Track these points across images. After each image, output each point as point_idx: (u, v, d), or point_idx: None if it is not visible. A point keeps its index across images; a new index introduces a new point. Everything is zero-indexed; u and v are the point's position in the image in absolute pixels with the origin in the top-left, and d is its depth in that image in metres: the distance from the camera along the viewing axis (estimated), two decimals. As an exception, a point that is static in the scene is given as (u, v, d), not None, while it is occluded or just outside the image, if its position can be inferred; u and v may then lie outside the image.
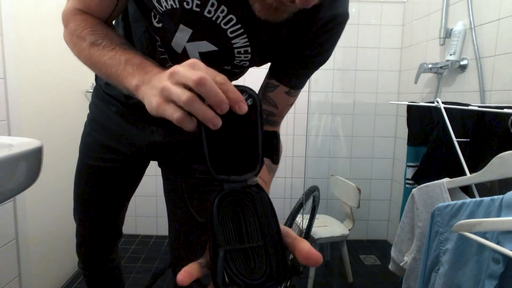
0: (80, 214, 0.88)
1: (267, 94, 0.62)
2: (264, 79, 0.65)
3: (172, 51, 0.58)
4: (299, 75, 0.61)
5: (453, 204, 0.77)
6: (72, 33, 0.51)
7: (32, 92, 1.36)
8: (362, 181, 2.31)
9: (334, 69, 2.27)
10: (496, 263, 0.64)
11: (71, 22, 0.52)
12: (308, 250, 0.32)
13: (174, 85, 0.33)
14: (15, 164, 0.63)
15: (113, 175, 0.84)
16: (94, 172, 0.83)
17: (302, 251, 0.32)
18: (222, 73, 0.36)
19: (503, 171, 0.75)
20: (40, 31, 1.42)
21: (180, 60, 0.55)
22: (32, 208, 1.37)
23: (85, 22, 0.51)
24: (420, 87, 1.96)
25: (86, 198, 0.86)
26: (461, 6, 1.59)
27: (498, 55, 1.37)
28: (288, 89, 0.62)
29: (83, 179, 0.85)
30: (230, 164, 0.35)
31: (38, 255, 1.44)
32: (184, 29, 0.53)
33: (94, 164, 0.82)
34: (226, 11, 0.49)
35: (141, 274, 1.91)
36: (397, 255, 1.02)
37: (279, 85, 0.61)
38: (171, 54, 0.60)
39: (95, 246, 0.92)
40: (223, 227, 0.33)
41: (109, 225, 0.91)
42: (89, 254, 0.93)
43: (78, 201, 0.88)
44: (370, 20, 2.23)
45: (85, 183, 0.85)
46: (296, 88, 0.63)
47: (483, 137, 1.01)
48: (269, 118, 0.64)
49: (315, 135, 2.34)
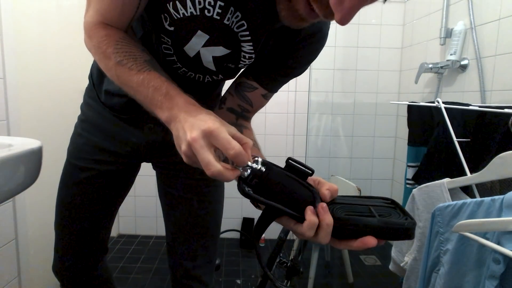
0: (63, 223, 0.81)
1: (245, 93, 0.67)
2: (239, 78, 0.68)
3: (184, 54, 0.60)
4: (278, 81, 0.67)
5: (453, 204, 0.77)
6: (96, 49, 0.53)
7: (31, 92, 1.36)
8: (362, 181, 2.31)
9: (334, 69, 2.27)
10: (496, 263, 0.64)
11: (94, 37, 0.53)
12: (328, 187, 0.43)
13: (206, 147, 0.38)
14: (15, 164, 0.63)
15: (104, 179, 0.79)
16: (84, 175, 0.78)
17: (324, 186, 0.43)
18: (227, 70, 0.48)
19: (504, 171, 0.75)
20: (39, 30, 1.42)
21: (192, 63, 0.59)
22: (32, 208, 1.37)
23: (108, 38, 0.52)
24: (421, 87, 1.96)
25: (71, 205, 0.80)
26: (462, 6, 1.59)
27: (499, 55, 1.36)
28: (266, 93, 0.68)
29: (70, 183, 0.80)
30: None
31: (37, 255, 1.44)
32: (201, 35, 0.55)
33: (84, 166, 0.78)
34: (240, 16, 0.53)
35: (141, 274, 1.90)
36: (398, 256, 1.02)
37: (258, 87, 0.66)
38: (182, 57, 0.61)
39: (76, 262, 0.83)
40: None
41: (95, 238, 0.84)
42: (69, 271, 0.83)
43: (61, 209, 0.81)
44: (370, 20, 2.23)
45: (72, 187, 0.79)
46: (272, 92, 0.69)
47: (483, 137, 1.01)
48: (244, 113, 0.69)
49: (315, 135, 2.33)
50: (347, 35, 2.24)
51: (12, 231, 1.25)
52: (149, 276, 1.88)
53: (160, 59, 0.62)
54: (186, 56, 0.60)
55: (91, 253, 0.85)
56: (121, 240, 2.34)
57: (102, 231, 0.86)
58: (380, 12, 2.22)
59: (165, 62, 0.63)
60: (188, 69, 0.64)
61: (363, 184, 2.12)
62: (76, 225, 0.81)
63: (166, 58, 0.63)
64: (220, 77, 0.67)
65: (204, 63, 0.61)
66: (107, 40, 0.51)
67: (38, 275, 1.44)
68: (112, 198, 0.84)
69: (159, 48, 0.62)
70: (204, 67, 0.62)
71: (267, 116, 2.35)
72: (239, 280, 1.88)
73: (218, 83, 0.75)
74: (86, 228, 0.82)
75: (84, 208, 0.80)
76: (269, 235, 2.32)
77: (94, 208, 0.81)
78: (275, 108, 2.33)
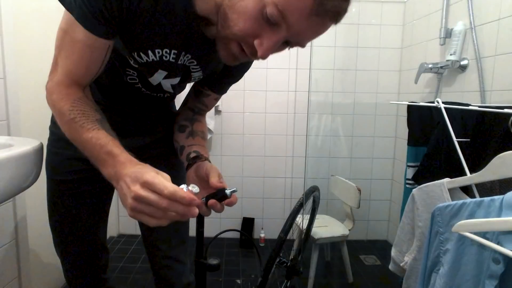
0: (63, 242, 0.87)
1: (203, 99, 0.85)
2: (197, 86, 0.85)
3: (148, 83, 0.73)
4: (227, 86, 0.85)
5: (453, 204, 0.77)
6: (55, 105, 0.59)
7: (31, 92, 1.36)
8: (362, 181, 2.31)
9: (334, 69, 2.27)
10: (496, 263, 0.64)
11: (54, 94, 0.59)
12: None
13: (140, 205, 0.46)
14: (15, 164, 0.63)
15: (87, 185, 0.84)
16: (68, 187, 0.83)
17: None
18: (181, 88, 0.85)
19: (504, 171, 0.75)
20: (39, 30, 1.42)
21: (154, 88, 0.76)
22: (32, 208, 1.37)
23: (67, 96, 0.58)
24: (420, 87, 1.96)
25: (65, 220, 0.85)
26: (461, 6, 1.59)
27: (498, 55, 1.37)
28: (217, 96, 0.86)
29: (58, 200, 0.85)
30: None
31: (37, 255, 1.44)
32: (161, 72, 0.69)
33: (65, 179, 0.83)
34: (190, 57, 0.68)
35: (141, 274, 1.91)
36: (397, 255, 1.02)
37: (211, 93, 0.84)
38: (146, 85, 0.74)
39: (85, 270, 0.90)
40: None
41: (96, 242, 0.90)
42: (80, 279, 0.91)
43: (57, 226, 0.87)
44: (370, 20, 2.23)
45: (60, 203, 0.85)
46: (222, 94, 0.87)
47: (483, 137, 1.01)
48: (200, 111, 0.87)
49: (315, 135, 2.34)
50: (347, 35, 2.24)
51: (12, 231, 1.25)
52: (149, 276, 1.87)
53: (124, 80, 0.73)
54: (150, 84, 0.73)
55: (96, 257, 0.91)
56: (121, 240, 2.34)
57: (100, 233, 0.92)
58: (380, 12, 2.22)
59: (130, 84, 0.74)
60: (151, 91, 0.77)
61: (363, 184, 2.12)
62: (76, 238, 0.87)
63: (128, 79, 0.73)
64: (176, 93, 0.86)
65: (164, 88, 0.75)
66: (65, 99, 0.58)
67: (38, 275, 1.44)
68: (99, 202, 0.90)
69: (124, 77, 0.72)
70: (164, 90, 0.76)
71: (267, 116, 2.35)
72: (239, 280, 1.88)
73: (174, 96, 0.91)
74: (86, 236, 0.88)
75: (77, 217, 0.86)
76: (269, 235, 2.33)
77: (87, 214, 0.87)
78: (275, 108, 2.34)
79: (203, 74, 0.75)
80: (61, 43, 0.58)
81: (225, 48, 0.57)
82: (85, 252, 0.89)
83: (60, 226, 0.86)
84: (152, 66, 0.66)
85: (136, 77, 0.72)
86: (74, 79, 0.60)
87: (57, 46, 0.59)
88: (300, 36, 0.52)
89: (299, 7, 0.47)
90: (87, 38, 0.56)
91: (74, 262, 0.89)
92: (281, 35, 0.51)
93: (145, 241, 0.97)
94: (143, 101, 0.81)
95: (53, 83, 0.60)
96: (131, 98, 0.80)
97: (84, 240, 0.88)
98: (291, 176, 2.40)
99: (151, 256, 0.97)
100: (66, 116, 0.57)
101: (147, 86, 0.74)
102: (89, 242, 0.89)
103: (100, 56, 0.60)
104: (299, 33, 0.51)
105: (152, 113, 0.88)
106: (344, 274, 1.87)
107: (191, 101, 0.87)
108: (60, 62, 0.59)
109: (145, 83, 0.73)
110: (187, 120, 0.85)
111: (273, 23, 0.50)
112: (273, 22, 0.49)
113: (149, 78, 0.70)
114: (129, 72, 0.71)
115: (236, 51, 0.56)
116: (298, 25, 0.49)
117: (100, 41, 0.57)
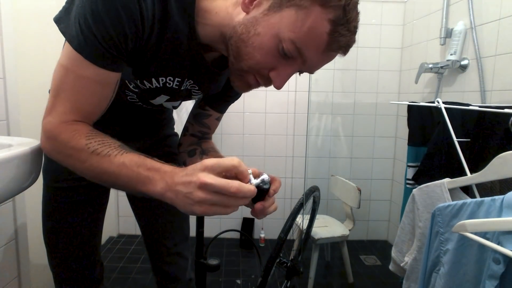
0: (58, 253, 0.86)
1: (203, 121, 0.84)
2: (195, 109, 0.85)
3: (149, 103, 0.73)
4: (227, 104, 0.85)
5: (453, 204, 0.77)
6: (65, 145, 0.53)
7: (31, 91, 1.36)
8: (362, 181, 2.31)
9: (334, 69, 2.27)
10: (496, 263, 0.64)
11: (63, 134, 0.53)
12: None
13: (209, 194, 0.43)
14: (15, 164, 0.63)
15: (84, 193, 0.83)
16: (67, 194, 0.82)
17: None
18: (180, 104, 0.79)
19: (504, 171, 0.75)
20: (39, 30, 1.42)
21: (156, 107, 0.76)
22: (32, 208, 1.37)
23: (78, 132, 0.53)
24: (421, 87, 1.96)
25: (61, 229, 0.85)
26: (462, 6, 1.59)
27: (499, 55, 1.36)
28: (219, 115, 0.85)
29: (55, 206, 0.84)
30: None
31: (37, 255, 1.44)
32: (164, 96, 0.69)
33: (65, 186, 0.82)
34: (192, 82, 0.69)
35: (141, 274, 1.91)
36: (398, 256, 1.02)
37: (212, 113, 0.84)
38: (147, 103, 0.74)
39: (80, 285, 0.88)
40: None
41: (93, 247, 0.89)
42: None
43: (51, 237, 0.86)
44: (370, 20, 2.23)
45: (58, 211, 0.84)
46: (222, 113, 0.87)
47: (483, 137, 1.01)
48: (204, 136, 0.86)
49: (316, 135, 2.34)
50: (347, 35, 2.24)
51: (12, 231, 1.25)
52: (149, 276, 1.87)
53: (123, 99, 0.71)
54: (151, 104, 0.74)
55: (92, 269, 0.89)
56: (121, 240, 2.34)
57: (96, 242, 0.91)
58: (380, 12, 2.22)
59: (130, 102, 0.73)
60: (151, 107, 0.77)
61: (363, 184, 2.12)
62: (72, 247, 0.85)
63: (128, 98, 0.71)
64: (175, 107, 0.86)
65: (165, 106, 0.77)
66: (77, 134, 0.52)
67: (38, 275, 1.44)
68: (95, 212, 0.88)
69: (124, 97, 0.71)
70: (165, 107, 0.79)
71: (267, 116, 2.35)
72: (239, 280, 1.88)
73: None
74: (81, 246, 0.86)
75: (73, 226, 0.84)
76: (269, 235, 2.33)
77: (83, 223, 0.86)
78: (275, 108, 2.34)
79: (203, 95, 0.77)
80: (64, 80, 0.53)
81: (240, 79, 0.60)
82: (80, 264, 0.86)
83: (55, 235, 0.85)
84: (155, 92, 0.67)
85: (136, 98, 0.71)
86: (84, 115, 0.55)
87: (57, 85, 0.54)
88: (313, 68, 0.56)
89: (315, 44, 0.50)
90: (97, 74, 0.52)
91: (70, 277, 0.86)
92: (296, 67, 0.54)
93: (148, 239, 0.97)
94: (143, 112, 0.81)
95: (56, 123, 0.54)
96: (131, 110, 0.79)
97: (80, 250, 0.86)
98: (291, 176, 2.40)
99: (155, 254, 0.97)
100: (85, 151, 0.51)
101: (148, 104, 0.74)
102: (84, 253, 0.87)
103: (111, 90, 0.57)
104: (312, 66, 0.55)
105: (151, 120, 0.89)
106: (344, 274, 1.87)
107: (191, 128, 0.85)
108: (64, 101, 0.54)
109: (146, 102, 0.73)
110: (193, 144, 0.84)
111: (289, 57, 0.52)
112: (289, 56, 0.52)
113: (151, 100, 0.71)
114: (128, 93, 0.69)
115: (252, 82, 0.59)
116: (313, 59, 0.53)
117: (112, 75, 0.54)
